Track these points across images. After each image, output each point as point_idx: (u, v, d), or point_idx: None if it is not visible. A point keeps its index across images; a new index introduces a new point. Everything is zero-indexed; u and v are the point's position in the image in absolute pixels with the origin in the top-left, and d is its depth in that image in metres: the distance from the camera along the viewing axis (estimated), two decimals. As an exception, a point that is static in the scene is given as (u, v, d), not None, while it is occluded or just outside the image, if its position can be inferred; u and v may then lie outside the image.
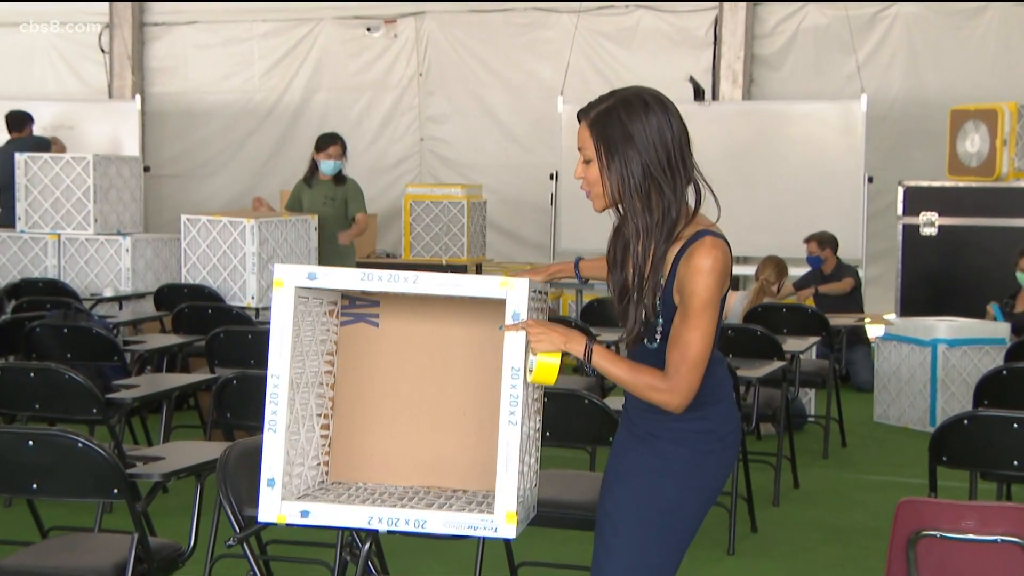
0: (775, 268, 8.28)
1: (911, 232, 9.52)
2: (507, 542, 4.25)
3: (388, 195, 12.43)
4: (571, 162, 11.03)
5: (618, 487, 2.91)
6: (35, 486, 3.55)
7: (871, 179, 10.19)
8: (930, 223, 9.43)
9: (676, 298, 2.79)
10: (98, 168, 8.77)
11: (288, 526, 2.81)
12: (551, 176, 11.06)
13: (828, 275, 9.42)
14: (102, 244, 8.81)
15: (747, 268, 9.74)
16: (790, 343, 6.68)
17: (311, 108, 12.90)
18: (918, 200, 9.49)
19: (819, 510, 6.16)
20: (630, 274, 2.87)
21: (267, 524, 2.83)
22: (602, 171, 2.80)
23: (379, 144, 12.64)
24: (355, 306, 3.07)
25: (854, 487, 6.64)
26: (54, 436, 3.50)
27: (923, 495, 3.82)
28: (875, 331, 9.15)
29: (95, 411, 4.82)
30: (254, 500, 2.85)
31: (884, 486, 6.61)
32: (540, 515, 3.03)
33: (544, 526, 3.71)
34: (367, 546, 3.20)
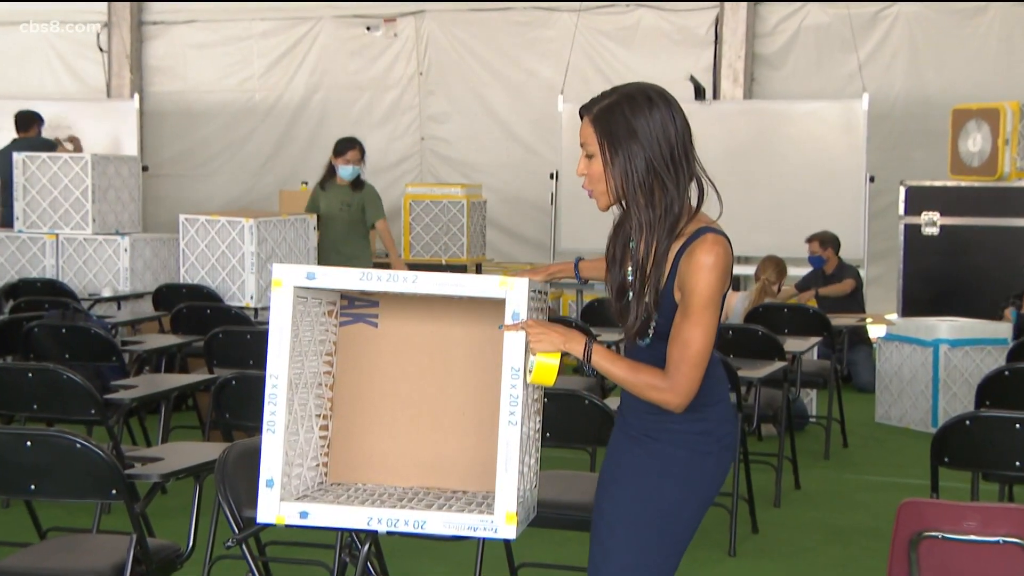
0: (775, 268, 8.27)
1: (913, 232, 9.50)
2: (507, 543, 4.24)
3: (388, 195, 12.38)
4: (572, 161, 10.99)
5: (615, 489, 2.90)
6: (33, 487, 3.54)
7: (872, 178, 10.18)
8: (932, 223, 9.42)
9: (676, 295, 2.77)
10: (96, 168, 8.75)
11: (287, 527, 2.80)
12: (551, 176, 11.05)
13: (830, 275, 9.40)
14: (100, 244, 8.80)
15: (747, 268, 9.73)
16: (791, 343, 6.66)
17: (310, 107, 12.89)
18: (920, 200, 9.48)
19: (820, 511, 6.14)
20: (629, 272, 2.85)
21: (266, 525, 2.82)
22: (605, 167, 2.78)
23: (379, 143, 12.62)
24: (354, 306, 3.06)
25: (855, 488, 6.62)
26: (52, 437, 3.50)
27: (925, 496, 3.81)
28: (877, 331, 9.14)
29: (93, 411, 4.80)
30: (253, 501, 2.84)
31: (886, 487, 6.60)
32: (540, 516, 3.03)
33: (544, 527, 3.70)
34: (366, 547, 3.19)
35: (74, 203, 8.75)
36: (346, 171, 8.49)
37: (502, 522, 2.69)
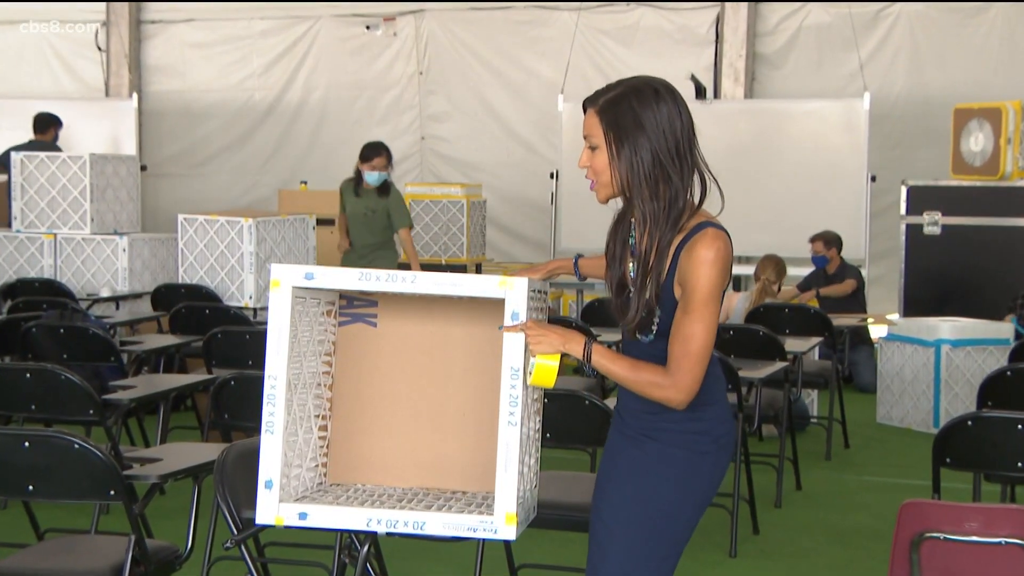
0: (775, 267, 8.26)
1: (914, 232, 9.49)
2: (507, 544, 4.23)
3: (388, 194, 12.41)
4: (572, 161, 11.01)
5: (612, 489, 2.89)
6: (31, 488, 3.53)
7: (874, 178, 10.17)
8: (933, 222, 9.40)
9: (676, 291, 2.76)
10: (95, 167, 8.73)
11: (286, 528, 2.78)
12: (552, 175, 11.03)
13: (831, 275, 9.39)
14: (99, 244, 8.78)
15: (748, 268, 9.71)
16: (792, 343, 6.65)
17: (310, 107, 12.88)
18: (921, 199, 9.47)
19: (822, 512, 6.13)
20: (628, 268, 2.84)
21: (265, 526, 2.81)
22: (611, 158, 2.77)
23: (379, 143, 12.62)
24: (353, 306, 3.04)
25: (857, 489, 6.61)
26: (50, 437, 3.49)
27: (927, 497, 3.79)
28: (878, 331, 9.13)
29: (91, 412, 4.79)
30: (252, 502, 2.83)
31: (887, 488, 6.58)
32: (540, 517, 3.02)
33: (544, 528, 3.68)
34: (366, 548, 3.18)
35: (72, 203, 8.73)
36: (372, 177, 8.26)
37: (502, 523, 2.68)
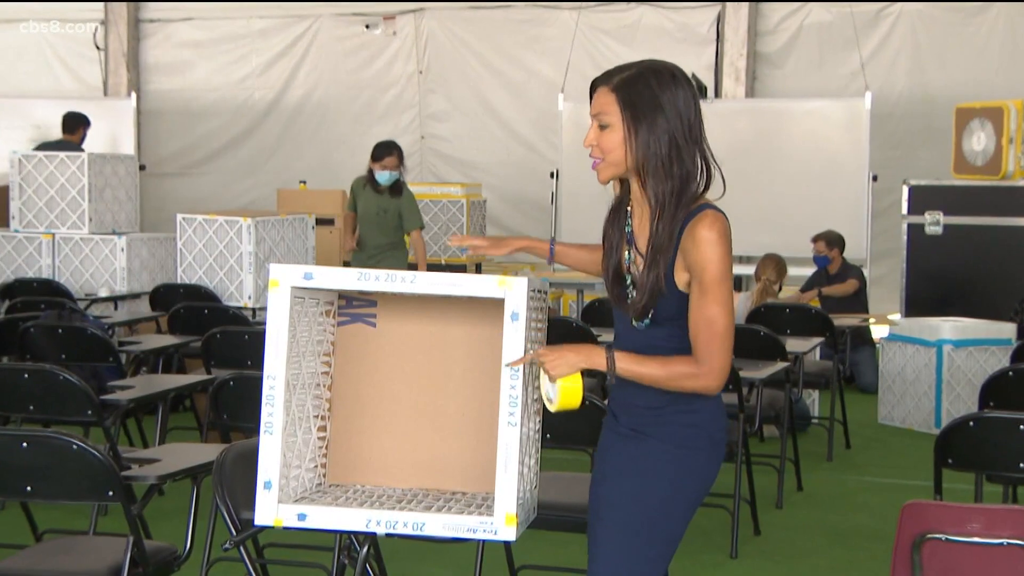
0: (775, 267, 8.24)
1: (916, 231, 9.48)
2: (507, 544, 4.22)
3: (388, 194, 12.40)
4: (572, 160, 10.99)
5: (605, 488, 2.89)
6: (29, 488, 3.52)
7: (875, 177, 10.16)
8: (935, 222, 9.39)
9: (678, 278, 2.75)
10: (93, 166, 8.73)
11: (285, 529, 2.77)
12: (552, 174, 11.02)
13: (833, 275, 9.37)
14: (97, 243, 8.77)
15: (748, 268, 9.69)
16: (793, 344, 6.63)
17: (309, 106, 12.87)
18: (923, 199, 9.45)
19: (823, 513, 6.11)
20: (624, 256, 2.85)
21: (264, 527, 2.80)
22: (627, 137, 2.77)
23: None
24: (352, 306, 3.03)
25: (858, 489, 6.59)
26: (48, 438, 3.49)
27: (928, 498, 3.78)
28: (879, 331, 9.10)
29: (90, 412, 4.78)
30: (251, 503, 2.83)
31: (889, 488, 6.57)
32: (540, 517, 3.01)
33: (544, 528, 3.68)
34: (365, 549, 3.17)
35: (70, 202, 8.72)
36: (383, 177, 8.19)
37: (502, 524, 2.67)
